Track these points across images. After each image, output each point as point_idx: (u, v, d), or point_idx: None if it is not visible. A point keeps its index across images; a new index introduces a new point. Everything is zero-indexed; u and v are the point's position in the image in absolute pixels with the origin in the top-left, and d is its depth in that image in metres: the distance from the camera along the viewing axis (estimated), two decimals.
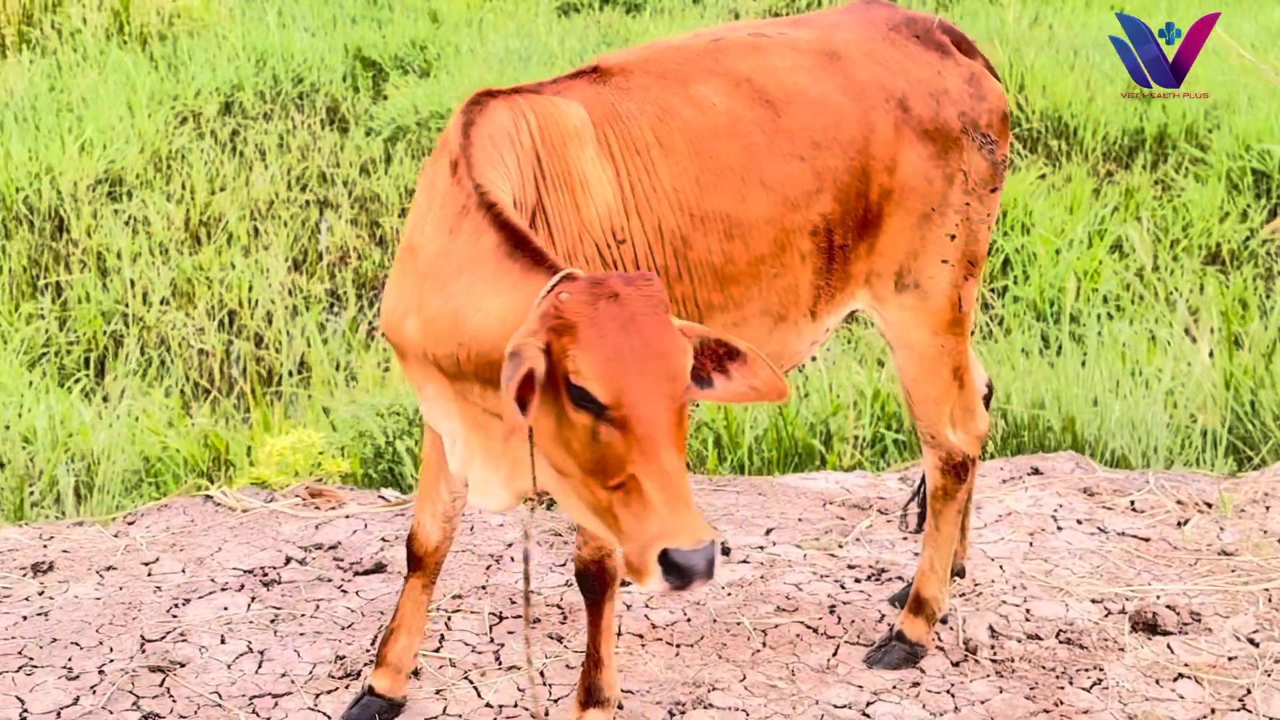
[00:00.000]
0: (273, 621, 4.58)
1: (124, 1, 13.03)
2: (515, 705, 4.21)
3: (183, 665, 4.33)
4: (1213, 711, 4.22)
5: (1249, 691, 4.29)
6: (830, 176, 3.93)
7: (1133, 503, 5.37)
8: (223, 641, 4.46)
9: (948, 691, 4.29)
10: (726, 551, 5.00)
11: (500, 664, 4.40)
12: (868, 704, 4.22)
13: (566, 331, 3.05)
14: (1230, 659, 4.45)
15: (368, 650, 4.39)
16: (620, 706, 4.15)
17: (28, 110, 10.91)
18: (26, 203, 9.65)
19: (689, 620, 4.61)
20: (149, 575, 4.84)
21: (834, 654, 4.47)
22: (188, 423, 6.98)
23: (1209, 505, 5.35)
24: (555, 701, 4.22)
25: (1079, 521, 5.24)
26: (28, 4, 12.82)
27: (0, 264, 8.86)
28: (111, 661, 4.34)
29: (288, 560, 4.94)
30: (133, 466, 6.51)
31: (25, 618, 4.56)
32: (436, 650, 4.43)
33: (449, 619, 4.61)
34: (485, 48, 12.44)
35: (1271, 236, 9.19)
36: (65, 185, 9.82)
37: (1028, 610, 4.69)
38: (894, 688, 4.29)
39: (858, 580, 4.86)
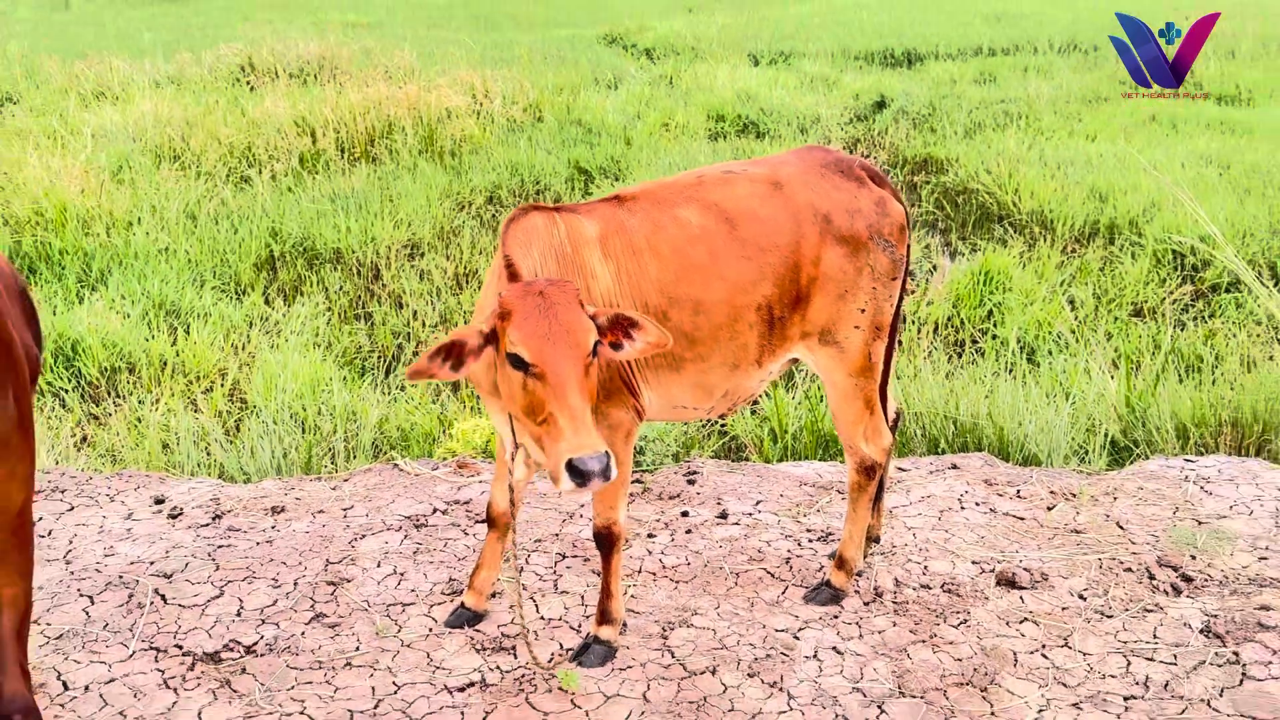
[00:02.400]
0: (415, 553, 4.48)
1: (430, 130, 13.21)
2: (560, 619, 4.07)
3: (349, 581, 4.27)
4: (1043, 646, 3.88)
5: (1072, 632, 3.95)
6: (771, 270, 3.72)
7: (1019, 491, 4.99)
8: (378, 565, 4.39)
9: (857, 623, 4.02)
10: (721, 516, 4.79)
11: (557, 589, 4.25)
12: (799, 629, 3.98)
13: (506, 317, 3.13)
14: (1063, 609, 4.09)
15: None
16: (625, 624, 3.99)
17: (363, 200, 11.13)
18: (356, 259, 9.82)
19: (689, 564, 4.41)
20: (344, 516, 4.78)
21: (783, 593, 4.22)
22: (429, 405, 6.99)
23: (1073, 495, 4.94)
24: (587, 617, 4.07)
25: (977, 504, 4.88)
26: (371, 132, 13.07)
27: (336, 299, 9.02)
28: (304, 576, 4.30)
29: (434, 510, 4.84)
30: (389, 434, 6.54)
31: (257, 544, 4.54)
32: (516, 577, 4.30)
33: (529, 556, 4.48)
34: (657, 161, 12.35)
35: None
36: (382, 249, 9.98)
37: (925, 567, 4.38)
38: (819, 619, 4.05)
39: (810, 540, 4.59)
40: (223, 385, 7.28)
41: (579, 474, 2.99)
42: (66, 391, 7.13)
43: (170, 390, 7.16)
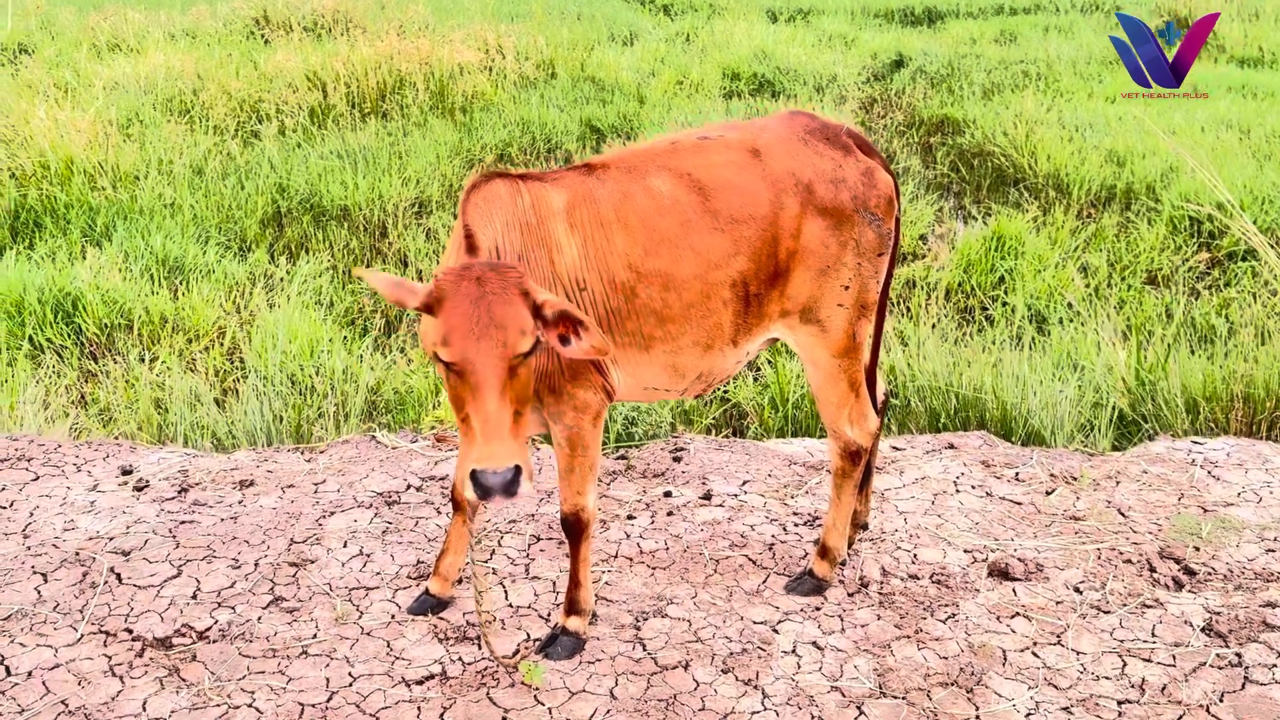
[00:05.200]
0: (384, 533, 4.23)
1: (442, 85, 12.85)
2: (529, 607, 3.81)
3: (312, 562, 4.02)
4: (1034, 644, 3.59)
5: (1066, 629, 3.66)
6: (746, 243, 3.40)
7: (1017, 474, 4.68)
8: (345, 545, 4.13)
9: (839, 616, 3.74)
10: (705, 496, 4.51)
11: (528, 574, 3.98)
12: (779, 621, 3.71)
13: (437, 302, 2.81)
14: (1058, 603, 3.80)
15: None
16: (595, 615, 3.72)
17: (371, 156, 10.83)
18: (364, 216, 9.54)
19: (668, 549, 4.13)
20: (314, 492, 4.52)
21: (764, 581, 3.95)
22: (426, 370, 6.73)
23: (1074, 479, 4.63)
24: (558, 605, 3.81)
25: (973, 487, 4.57)
26: (382, 87, 12.72)
27: (341, 257, 8.76)
28: (265, 557, 4.04)
29: (408, 487, 4.57)
30: (386, 397, 6.29)
31: (221, 520, 4.29)
32: (487, 561, 4.05)
33: (501, 539, 4.21)
34: (670, 119, 11.97)
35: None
36: (389, 206, 9.70)
37: (914, 555, 4.09)
38: (801, 610, 3.77)
39: (796, 525, 4.30)
40: (221, 344, 7.04)
41: (480, 487, 2.74)
42: (65, 348, 6.91)
43: (169, 348, 6.93)
